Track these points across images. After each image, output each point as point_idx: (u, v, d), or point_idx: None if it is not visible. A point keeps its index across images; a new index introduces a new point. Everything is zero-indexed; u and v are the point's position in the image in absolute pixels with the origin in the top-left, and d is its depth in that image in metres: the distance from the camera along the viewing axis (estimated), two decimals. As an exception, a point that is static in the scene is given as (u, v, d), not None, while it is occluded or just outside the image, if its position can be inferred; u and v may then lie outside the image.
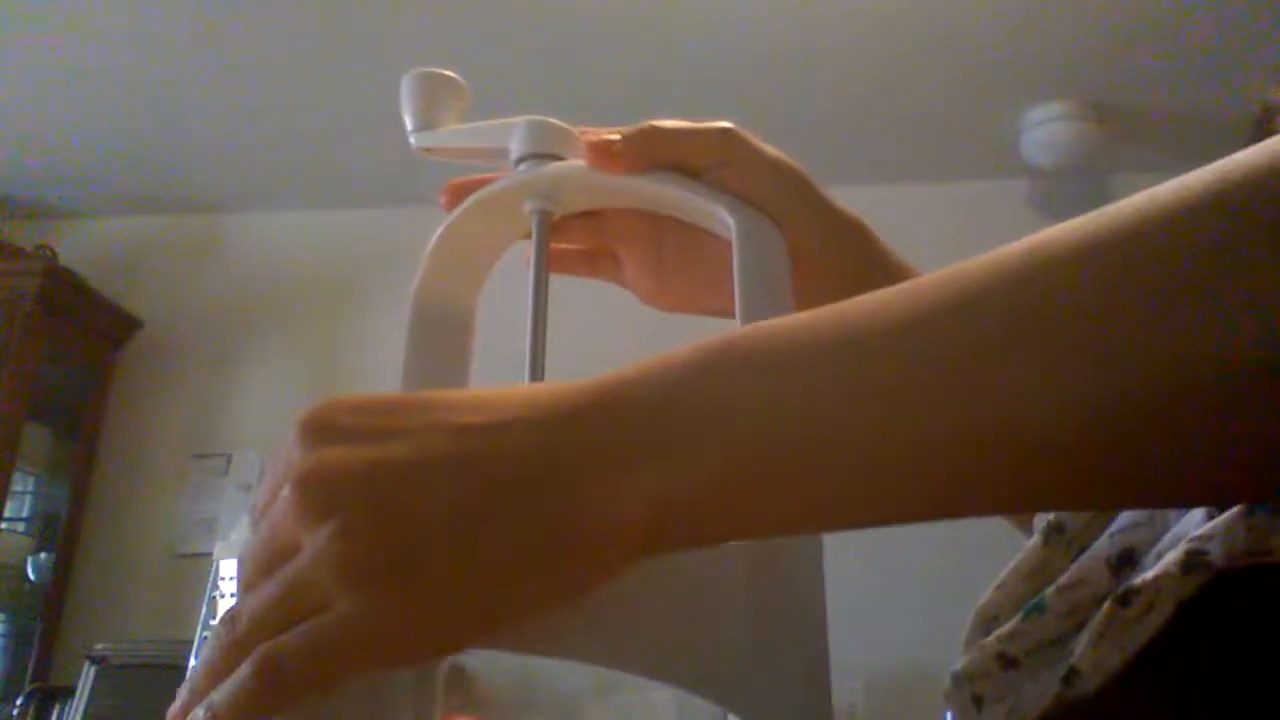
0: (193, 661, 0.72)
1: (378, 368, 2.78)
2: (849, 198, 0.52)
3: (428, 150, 0.53)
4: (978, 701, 0.41)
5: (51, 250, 2.88)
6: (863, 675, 2.35)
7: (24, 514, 2.88)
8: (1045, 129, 2.55)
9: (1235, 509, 0.32)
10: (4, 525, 2.75)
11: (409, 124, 0.53)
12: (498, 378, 0.48)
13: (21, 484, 2.83)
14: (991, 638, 0.40)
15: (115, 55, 2.48)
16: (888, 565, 2.45)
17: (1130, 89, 2.50)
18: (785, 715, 0.38)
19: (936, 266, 0.30)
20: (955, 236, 2.88)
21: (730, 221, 0.46)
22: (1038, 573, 0.41)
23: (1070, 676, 0.35)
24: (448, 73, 0.54)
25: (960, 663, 0.42)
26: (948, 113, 2.60)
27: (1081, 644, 0.35)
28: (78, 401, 2.90)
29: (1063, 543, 0.40)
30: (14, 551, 2.74)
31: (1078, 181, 2.78)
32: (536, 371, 0.48)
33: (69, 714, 1.87)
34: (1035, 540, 0.41)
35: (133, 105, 2.66)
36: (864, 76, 2.45)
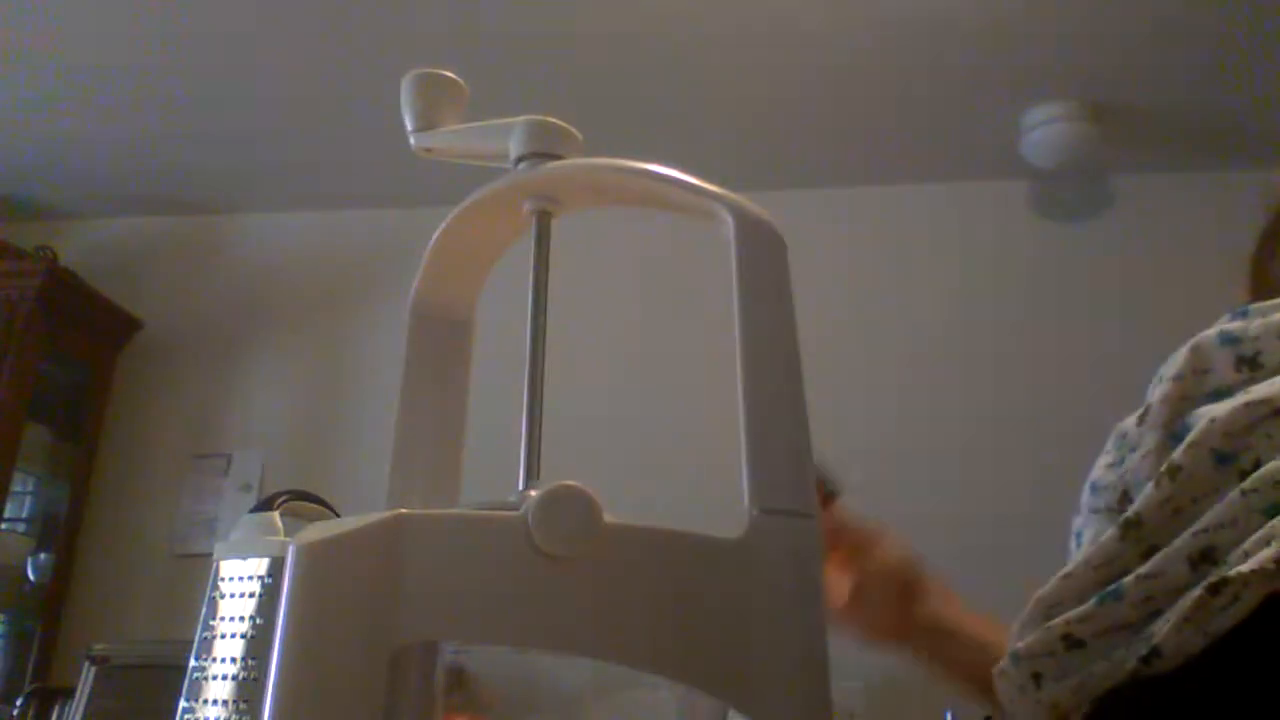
0: (193, 662, 0.72)
1: (378, 368, 2.79)
2: (850, 198, 0.53)
3: (428, 150, 0.53)
4: (1036, 678, 0.45)
5: (51, 250, 2.88)
6: (863, 675, 2.35)
7: (24, 514, 2.87)
8: (1045, 129, 2.55)
9: None
10: (4, 525, 2.74)
11: (409, 124, 0.53)
12: (498, 378, 0.48)
13: (21, 484, 2.83)
14: (1059, 620, 0.45)
15: (115, 56, 2.48)
16: (888, 565, 2.45)
17: (1130, 89, 2.50)
18: (785, 715, 0.38)
19: (937, 266, 0.30)
20: (955, 236, 2.88)
21: (730, 221, 0.46)
22: (1108, 565, 0.44)
23: (1150, 656, 0.39)
24: (448, 73, 0.54)
25: (1022, 642, 0.47)
26: (948, 113, 2.60)
27: (1165, 627, 0.39)
28: (78, 401, 2.90)
29: (1137, 538, 0.44)
30: (14, 551, 2.74)
31: (1078, 181, 2.78)
32: (537, 371, 0.48)
33: (69, 714, 1.87)
34: (1111, 533, 0.45)
35: (133, 106, 2.66)
36: (864, 77, 2.45)
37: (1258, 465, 0.42)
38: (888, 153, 2.77)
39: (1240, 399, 0.44)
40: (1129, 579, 0.42)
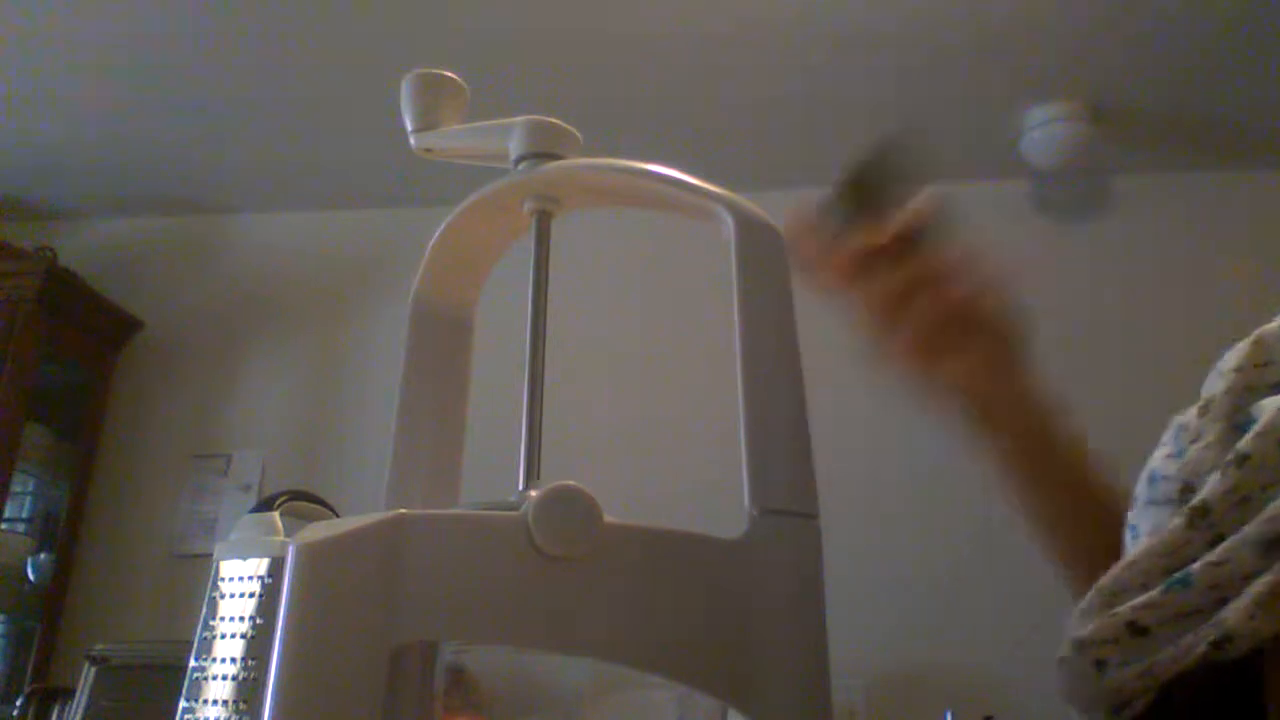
0: (193, 662, 0.72)
1: (378, 368, 2.79)
2: (849, 198, 0.53)
3: (428, 150, 0.53)
4: (1099, 665, 0.46)
5: (51, 250, 2.88)
6: (863, 675, 2.35)
7: (24, 514, 2.87)
8: (1045, 129, 2.55)
9: None
10: (4, 525, 2.75)
11: (409, 124, 0.53)
12: (498, 378, 0.48)
13: (21, 484, 2.83)
14: (1124, 608, 0.46)
15: (115, 56, 2.48)
16: (888, 566, 2.45)
17: (1130, 89, 2.50)
18: (785, 715, 0.38)
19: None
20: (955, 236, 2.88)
21: (730, 221, 0.46)
22: (1174, 553, 0.45)
23: (1222, 641, 0.40)
24: (448, 73, 0.54)
25: (1085, 630, 0.47)
26: (948, 113, 2.60)
27: (1237, 613, 0.40)
28: (78, 401, 2.90)
29: (1205, 526, 0.44)
30: (14, 552, 2.74)
31: (1078, 182, 2.78)
32: (536, 371, 0.48)
33: (69, 714, 1.87)
34: (1176, 522, 0.45)
35: (133, 106, 2.66)
36: (864, 78, 2.45)
37: None
38: (888, 153, 2.77)
39: None
40: (1197, 566, 0.43)
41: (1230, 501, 0.44)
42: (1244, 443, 0.45)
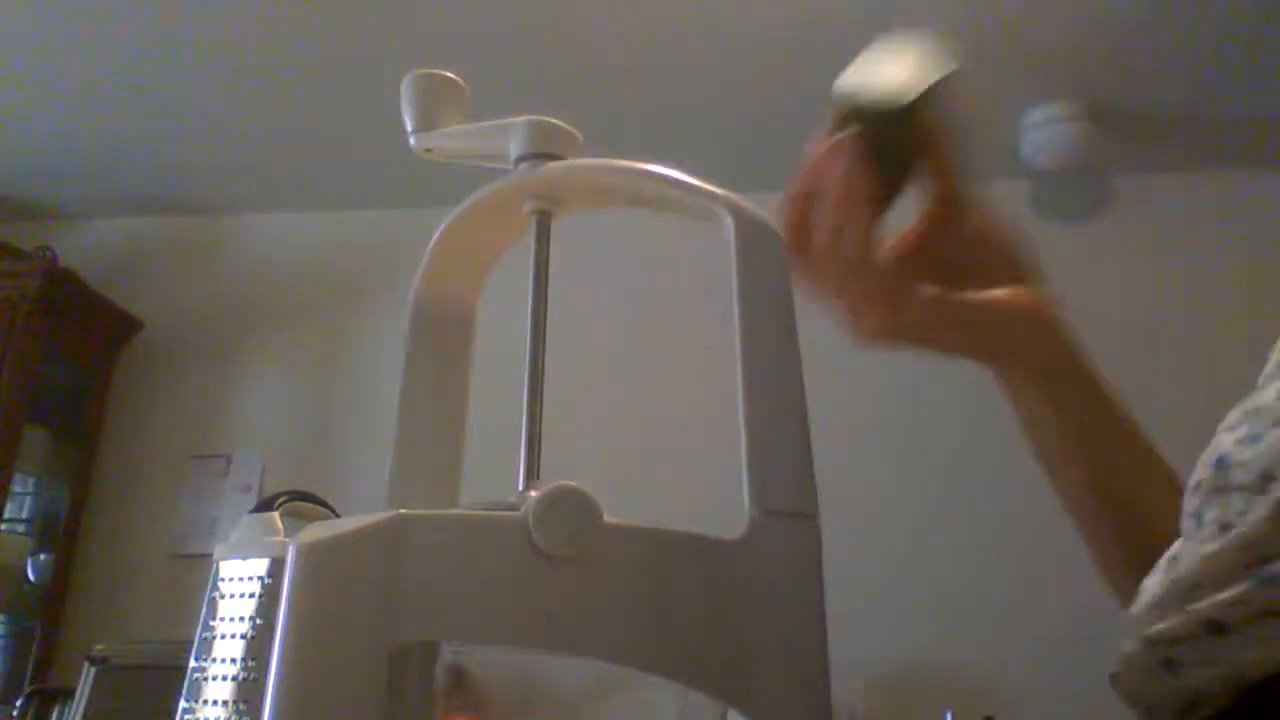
0: (193, 662, 0.72)
1: (378, 368, 2.79)
2: (849, 198, 0.52)
3: (428, 151, 0.54)
4: (1170, 664, 0.42)
5: (51, 251, 2.88)
6: (863, 675, 2.35)
7: (24, 514, 2.87)
8: (1045, 129, 2.55)
9: None
10: (4, 526, 2.74)
11: (409, 124, 0.53)
12: (498, 378, 0.48)
13: (21, 484, 2.83)
14: (1205, 604, 0.41)
15: (115, 56, 2.48)
16: (889, 566, 2.45)
17: (1130, 89, 2.50)
18: (785, 715, 0.38)
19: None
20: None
21: (730, 221, 0.46)
22: (1258, 546, 0.41)
23: None
24: (448, 74, 0.54)
25: (1156, 626, 0.43)
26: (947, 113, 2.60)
27: None
28: (78, 402, 2.90)
29: None
30: (14, 552, 2.74)
31: (1078, 181, 2.78)
32: (536, 371, 0.48)
33: (69, 715, 1.87)
34: (1261, 513, 0.41)
35: (133, 106, 2.66)
36: (864, 77, 2.45)
37: None
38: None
39: None
40: None
41: None
42: None
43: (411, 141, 0.54)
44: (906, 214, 0.59)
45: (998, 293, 0.57)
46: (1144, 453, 0.58)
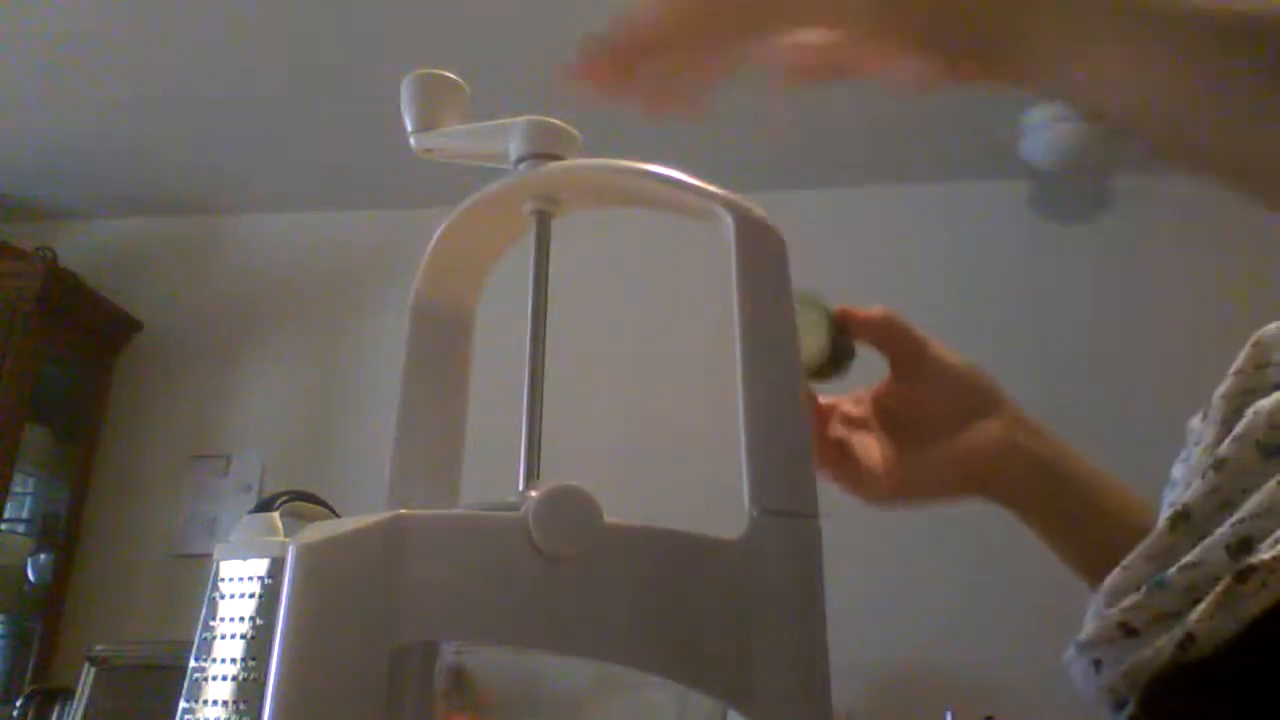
0: (193, 662, 0.72)
1: (378, 368, 2.79)
2: (850, 199, 0.53)
3: (428, 151, 0.54)
4: (1097, 665, 0.48)
5: (51, 251, 2.88)
6: (863, 675, 2.35)
7: (24, 514, 2.88)
8: (1045, 129, 2.55)
9: None
10: (4, 526, 2.75)
11: (409, 125, 0.53)
12: (498, 378, 0.48)
13: (21, 484, 2.83)
14: (1115, 610, 0.47)
15: (115, 56, 2.48)
16: (889, 566, 2.45)
17: (1130, 89, 2.50)
18: (785, 715, 0.38)
19: (937, 266, 0.30)
20: (955, 236, 2.88)
21: (730, 221, 0.46)
22: (1161, 556, 0.46)
23: (1185, 642, 0.41)
24: (448, 74, 0.54)
25: (1085, 632, 0.49)
26: (948, 113, 2.60)
27: (1198, 614, 0.41)
28: (78, 401, 2.90)
29: (1187, 530, 0.45)
30: (14, 552, 2.74)
31: (1078, 181, 2.78)
32: (536, 371, 0.48)
33: (69, 715, 1.87)
34: (1161, 528, 0.46)
35: (133, 106, 2.66)
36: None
37: None
38: (888, 152, 2.77)
39: None
40: (1174, 569, 0.44)
41: (1210, 505, 0.45)
42: (1223, 447, 0.46)
43: (411, 142, 0.54)
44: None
45: (969, 437, 0.63)
46: (1140, 514, 0.61)
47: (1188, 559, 0.44)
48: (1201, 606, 0.42)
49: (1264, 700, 0.39)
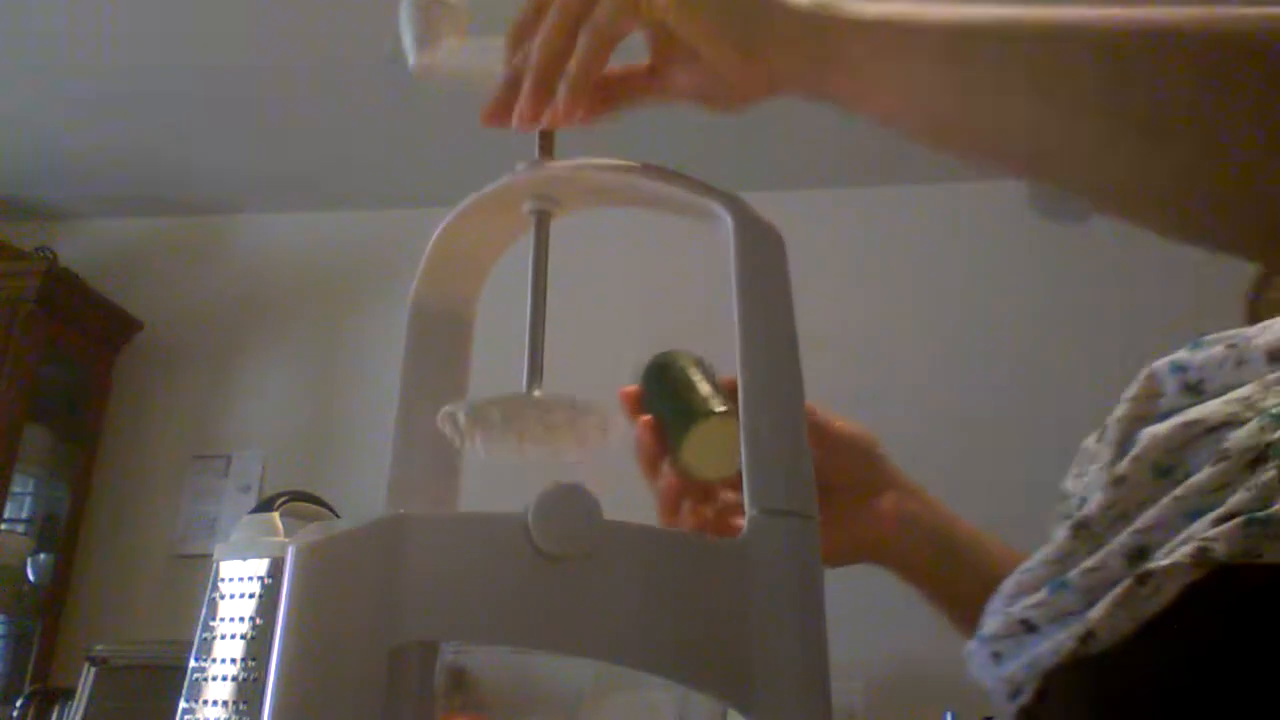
0: (193, 662, 0.72)
1: (378, 368, 2.78)
2: (850, 198, 0.53)
3: (427, 69, 0.53)
4: (996, 657, 0.53)
5: (51, 251, 2.88)
6: (863, 675, 2.35)
7: (24, 514, 2.88)
8: (1045, 129, 2.55)
9: (1237, 520, 0.43)
10: (4, 526, 2.75)
11: (407, 46, 0.53)
12: (498, 378, 0.48)
13: (21, 484, 2.83)
14: (1017, 607, 0.51)
15: (115, 56, 2.48)
16: (888, 565, 2.45)
17: (1130, 89, 2.50)
18: (785, 715, 0.38)
19: (936, 266, 0.30)
20: (955, 236, 2.88)
21: (729, 220, 0.46)
22: (1060, 561, 0.50)
23: (1087, 637, 0.46)
24: None
25: (987, 626, 0.53)
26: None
27: (1099, 612, 0.46)
28: (78, 401, 2.90)
29: (1086, 538, 0.50)
30: (14, 552, 2.74)
31: (1078, 181, 2.78)
32: (536, 371, 0.48)
33: (69, 715, 1.87)
34: (1062, 535, 0.51)
35: (133, 106, 2.66)
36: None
37: (1189, 476, 0.49)
38: (888, 153, 2.77)
39: (1179, 419, 0.51)
40: (1075, 572, 0.49)
41: (1108, 517, 0.50)
42: (1121, 466, 0.51)
43: (410, 61, 0.53)
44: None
45: (863, 510, 0.70)
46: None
47: (1088, 563, 0.48)
48: (1102, 605, 0.46)
49: (1160, 691, 0.44)
